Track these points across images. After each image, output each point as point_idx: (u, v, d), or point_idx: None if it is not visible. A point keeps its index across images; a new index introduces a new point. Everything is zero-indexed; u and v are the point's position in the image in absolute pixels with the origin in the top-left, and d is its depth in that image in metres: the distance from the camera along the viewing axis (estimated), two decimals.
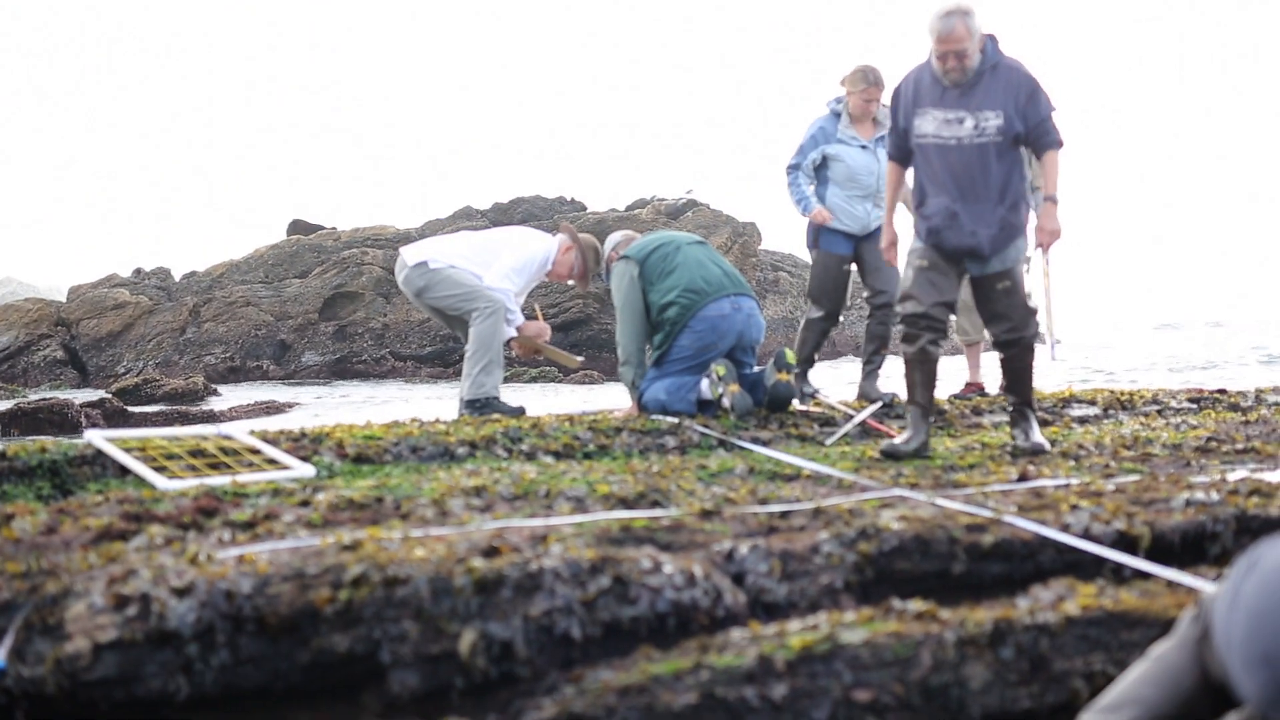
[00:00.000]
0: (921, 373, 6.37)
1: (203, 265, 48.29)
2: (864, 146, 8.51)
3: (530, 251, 8.54)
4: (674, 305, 7.81)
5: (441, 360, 41.01)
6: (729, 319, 7.81)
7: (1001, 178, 6.20)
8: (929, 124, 6.19)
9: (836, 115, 8.60)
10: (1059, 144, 6.22)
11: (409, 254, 8.37)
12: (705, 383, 7.68)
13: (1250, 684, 2.23)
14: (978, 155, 6.17)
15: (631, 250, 8.12)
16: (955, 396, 9.00)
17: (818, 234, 8.63)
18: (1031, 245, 9.38)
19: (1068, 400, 8.48)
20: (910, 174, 6.57)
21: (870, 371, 8.72)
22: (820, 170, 8.62)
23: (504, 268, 8.37)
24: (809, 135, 8.60)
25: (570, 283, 8.84)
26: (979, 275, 6.42)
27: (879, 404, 8.04)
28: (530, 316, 8.80)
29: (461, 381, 8.40)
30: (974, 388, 9.31)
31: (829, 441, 6.97)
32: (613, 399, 8.59)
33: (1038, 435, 6.36)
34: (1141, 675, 2.60)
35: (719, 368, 7.58)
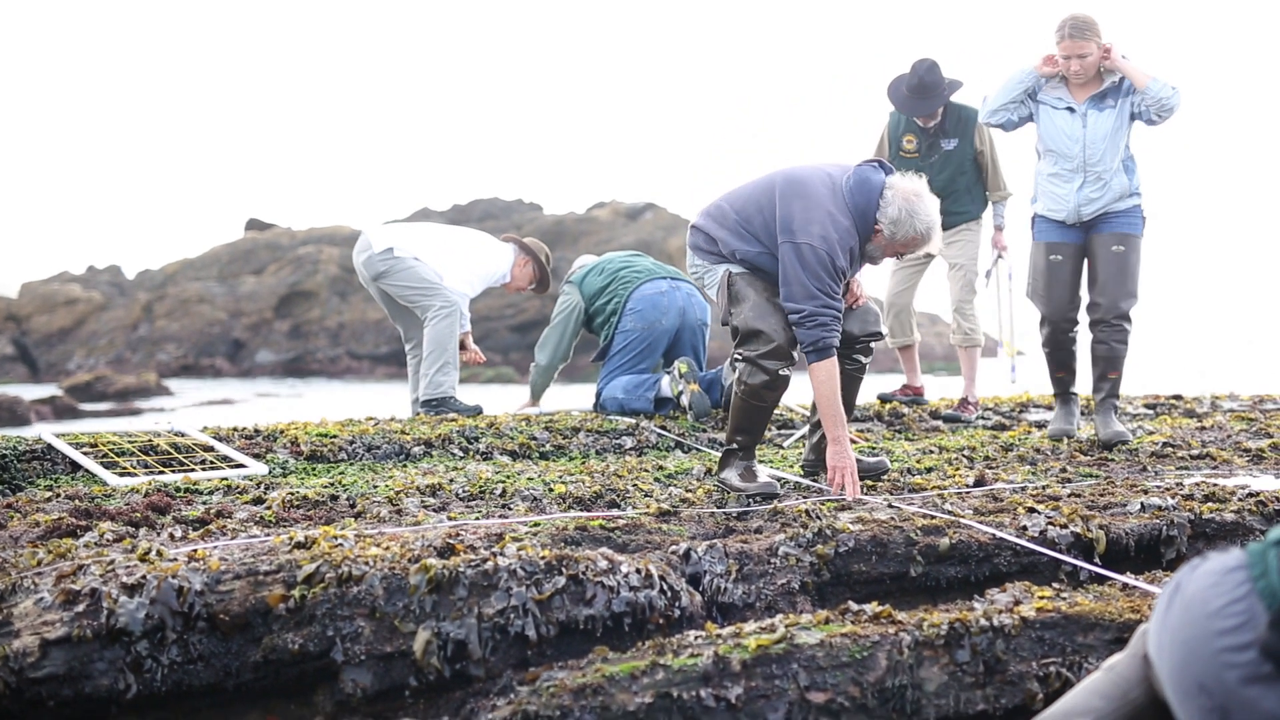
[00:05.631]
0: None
1: (157, 262, 48.06)
2: (1070, 109, 6.78)
3: (492, 265, 8.55)
4: (608, 295, 7.93)
5: (398, 360, 40.86)
6: (668, 295, 7.85)
7: None
8: None
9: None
10: None
11: (375, 238, 8.31)
12: (666, 380, 7.66)
13: (1188, 712, 2.24)
14: None
15: (574, 277, 8.35)
16: (885, 397, 8.71)
17: (1033, 221, 7.11)
18: (994, 257, 9.18)
19: (1025, 405, 8.51)
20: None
21: (1102, 402, 6.94)
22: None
23: (467, 274, 8.36)
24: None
25: (530, 288, 8.86)
26: None
27: None
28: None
29: (416, 381, 8.35)
30: (911, 391, 8.75)
31: (786, 443, 6.97)
32: (571, 399, 8.54)
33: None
34: (1092, 686, 2.61)
35: (681, 365, 7.55)
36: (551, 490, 5.16)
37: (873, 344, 5.67)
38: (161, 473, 5.66)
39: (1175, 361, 33.99)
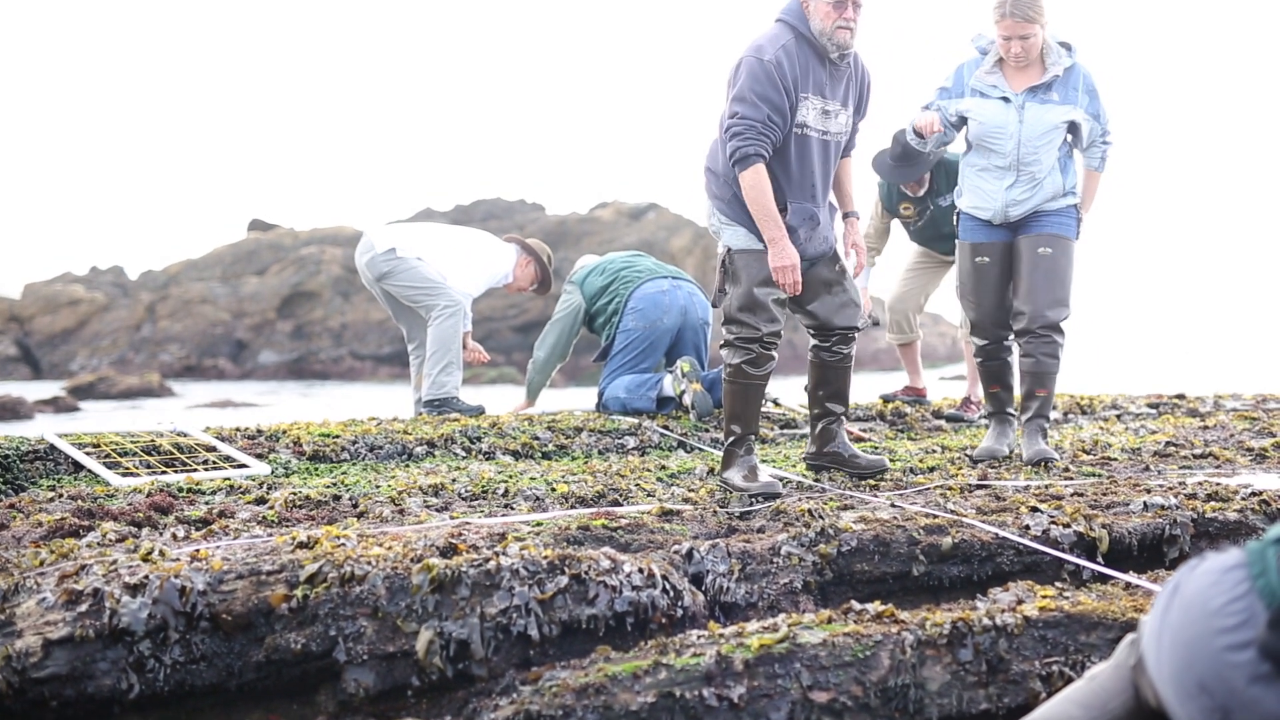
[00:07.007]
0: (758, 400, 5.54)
1: (160, 263, 48.14)
2: (1005, 99, 6.06)
3: (495, 265, 8.56)
4: (609, 294, 7.93)
5: (401, 360, 40.85)
6: (669, 294, 7.86)
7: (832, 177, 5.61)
8: (810, 113, 5.28)
9: (983, 54, 6.22)
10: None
11: (378, 238, 8.32)
12: (669, 379, 7.65)
13: (1189, 712, 2.23)
14: (834, 154, 5.47)
15: (575, 277, 8.37)
16: (887, 397, 8.56)
17: (958, 218, 6.43)
18: None
19: None
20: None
21: (1029, 422, 6.25)
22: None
23: (472, 275, 8.37)
24: (940, 87, 6.32)
25: (532, 289, 8.85)
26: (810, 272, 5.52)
27: None
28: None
29: (418, 381, 8.35)
30: (913, 391, 8.59)
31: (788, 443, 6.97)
32: (573, 400, 8.54)
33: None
34: (1071, 695, 2.59)
35: (684, 364, 7.53)
36: (554, 490, 5.16)
37: (851, 335, 5.64)
38: (164, 473, 5.66)
39: (1114, 371, 33.90)
